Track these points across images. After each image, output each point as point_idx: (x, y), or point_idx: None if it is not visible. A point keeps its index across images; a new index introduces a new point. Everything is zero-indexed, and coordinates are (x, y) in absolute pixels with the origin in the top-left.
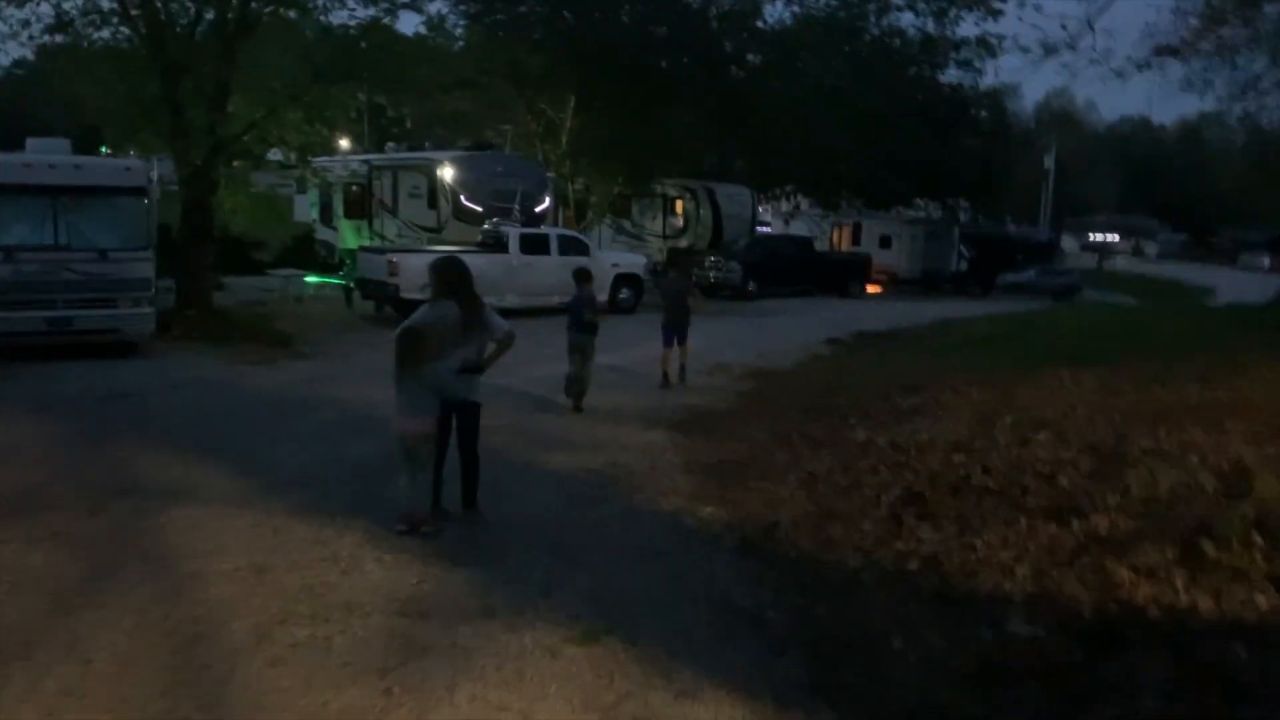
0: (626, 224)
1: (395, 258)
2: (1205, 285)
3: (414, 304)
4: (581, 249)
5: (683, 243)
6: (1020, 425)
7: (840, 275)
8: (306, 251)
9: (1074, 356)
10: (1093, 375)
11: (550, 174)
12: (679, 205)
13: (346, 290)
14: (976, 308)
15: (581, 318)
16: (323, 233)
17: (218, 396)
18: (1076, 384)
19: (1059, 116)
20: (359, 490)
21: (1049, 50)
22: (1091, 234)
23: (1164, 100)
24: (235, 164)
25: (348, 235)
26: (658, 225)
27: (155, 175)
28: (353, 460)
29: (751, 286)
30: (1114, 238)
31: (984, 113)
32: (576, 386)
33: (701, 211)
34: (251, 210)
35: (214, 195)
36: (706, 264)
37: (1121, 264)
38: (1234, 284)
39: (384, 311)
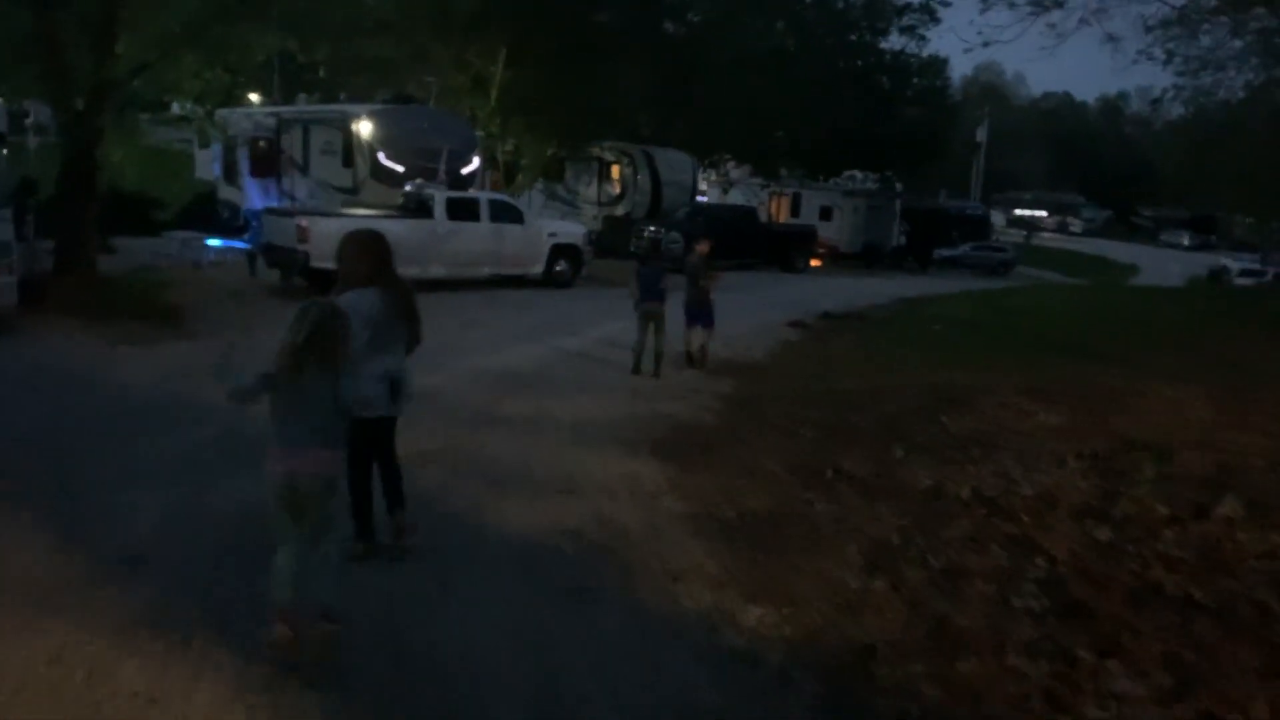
0: (560, 189)
1: (305, 221)
2: (1130, 263)
3: (325, 274)
4: (515, 216)
5: (619, 211)
6: (1169, 481)
7: (784, 248)
8: (209, 212)
9: (1097, 352)
10: (1189, 390)
11: (478, 133)
12: (615, 170)
13: (250, 257)
14: (926, 285)
15: (657, 287)
16: (226, 191)
17: (75, 395)
18: (1175, 404)
19: (987, 90)
20: (237, 575)
21: (1038, 5)
22: (1018, 209)
23: (1114, 74)
24: (129, 113)
25: (254, 195)
26: (592, 191)
27: (30, 121)
28: (232, 513)
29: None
30: (1041, 213)
31: (924, 81)
32: (655, 356)
33: (639, 178)
34: (143, 165)
35: (99, 147)
36: (645, 234)
37: (1047, 239)
38: (1156, 261)
39: (291, 282)
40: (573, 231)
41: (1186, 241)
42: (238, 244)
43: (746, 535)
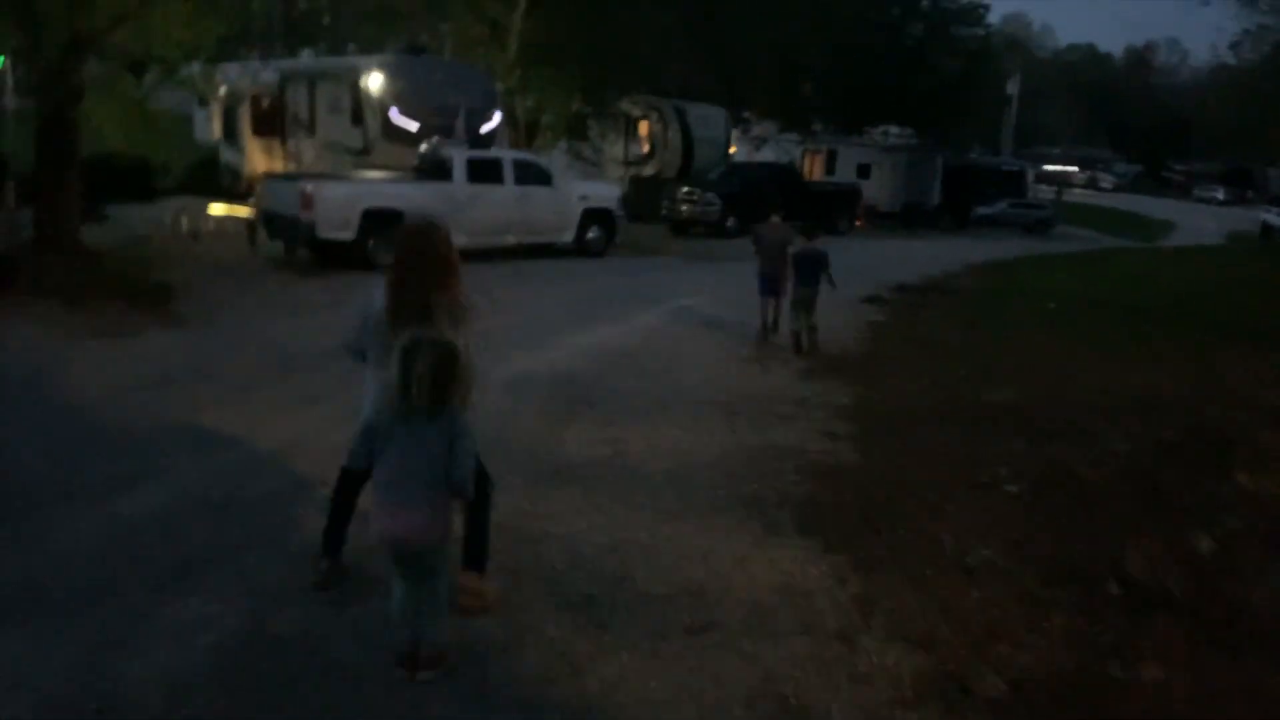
0: (584, 148)
1: (310, 187)
2: (1165, 219)
3: (332, 245)
4: (542, 177)
5: (648, 171)
6: None
7: (828, 209)
8: (212, 176)
9: None
10: None
11: (497, 86)
12: (644, 127)
13: (250, 226)
14: (979, 247)
15: (818, 271)
16: (228, 154)
17: (9, 417)
18: None
19: (1013, 42)
20: None
21: None
22: (1046, 164)
23: (1180, 16)
24: (111, 68)
25: (257, 157)
26: (619, 150)
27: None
28: (157, 699)
29: (730, 222)
30: (1071, 169)
31: (964, 29)
32: (809, 336)
33: (670, 134)
34: (134, 126)
35: (77, 107)
36: (678, 196)
37: (1078, 195)
38: (1191, 217)
39: (295, 255)
40: (606, 194)
41: (1221, 196)
42: (239, 211)
43: None
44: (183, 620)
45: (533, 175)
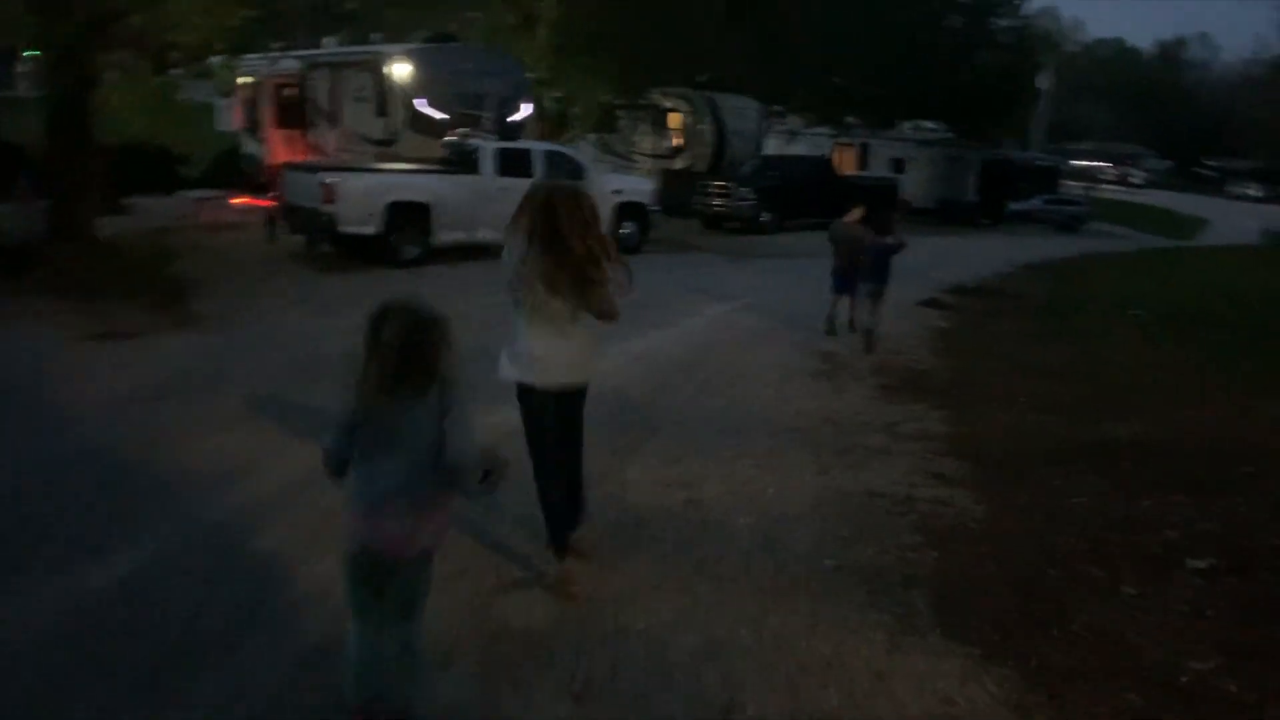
0: (613, 141)
1: (331, 179)
2: (1199, 216)
3: (355, 239)
4: (574, 170)
5: (678, 164)
6: None
7: (866, 205)
8: (234, 168)
9: None
10: None
11: (529, 76)
12: (674, 119)
13: (269, 219)
14: (1021, 245)
15: (888, 266)
16: (249, 145)
17: None
18: None
19: (1042, 36)
20: None
21: None
22: (1075, 160)
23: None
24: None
25: (279, 148)
26: (649, 143)
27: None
28: None
29: (765, 218)
30: (1102, 164)
31: (1004, 20)
32: (871, 334)
33: (701, 127)
34: (154, 115)
35: (92, 92)
36: (710, 190)
37: (1108, 191)
38: (1226, 215)
39: (317, 249)
40: (639, 189)
41: (1255, 192)
42: (261, 202)
43: None
44: None
45: (564, 168)
